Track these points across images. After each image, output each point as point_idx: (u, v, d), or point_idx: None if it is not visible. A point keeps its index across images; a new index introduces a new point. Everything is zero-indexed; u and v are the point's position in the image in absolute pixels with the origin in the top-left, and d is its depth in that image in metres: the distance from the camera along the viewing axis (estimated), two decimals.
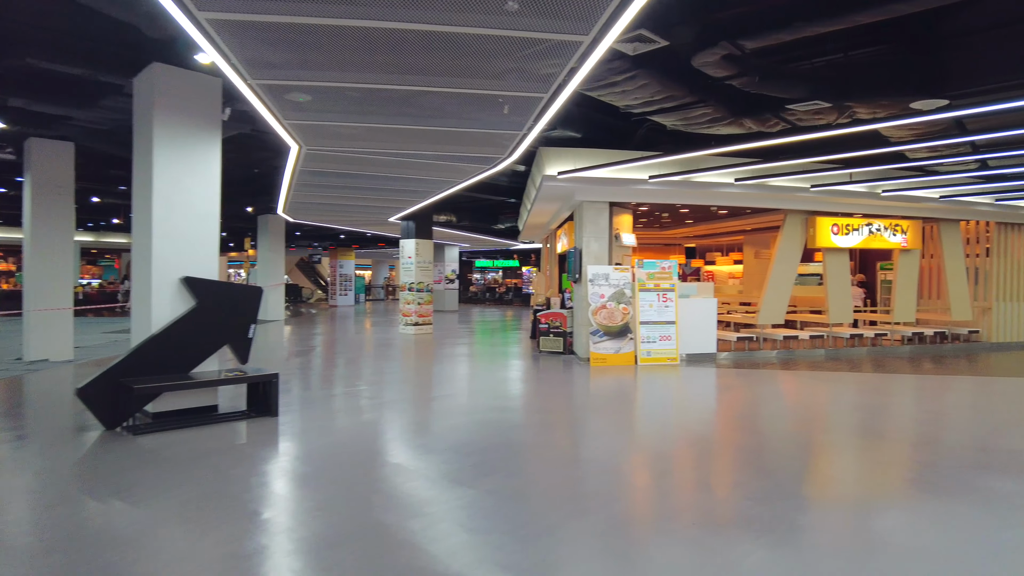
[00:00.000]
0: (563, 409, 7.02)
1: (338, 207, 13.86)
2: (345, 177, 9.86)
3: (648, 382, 8.88)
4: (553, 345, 11.48)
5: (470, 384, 8.59)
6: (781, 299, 11.89)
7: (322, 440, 5.49)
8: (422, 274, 15.88)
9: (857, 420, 6.46)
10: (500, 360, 11.03)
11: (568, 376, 9.26)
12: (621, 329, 10.26)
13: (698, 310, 11.00)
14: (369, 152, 8.07)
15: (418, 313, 15.74)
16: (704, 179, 10.27)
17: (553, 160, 9.65)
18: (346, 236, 26.09)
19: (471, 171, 9.16)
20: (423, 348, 12.82)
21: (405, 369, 9.95)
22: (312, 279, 40.23)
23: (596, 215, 10.56)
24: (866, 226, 12.23)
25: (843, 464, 5.05)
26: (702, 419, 6.60)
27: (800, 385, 8.68)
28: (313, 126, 6.78)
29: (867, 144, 8.92)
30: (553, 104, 5.93)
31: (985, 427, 6.18)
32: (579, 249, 10.62)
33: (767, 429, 6.12)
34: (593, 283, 10.25)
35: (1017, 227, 13.80)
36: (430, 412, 6.78)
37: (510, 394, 7.82)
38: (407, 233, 15.92)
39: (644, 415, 6.89)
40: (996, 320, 13.57)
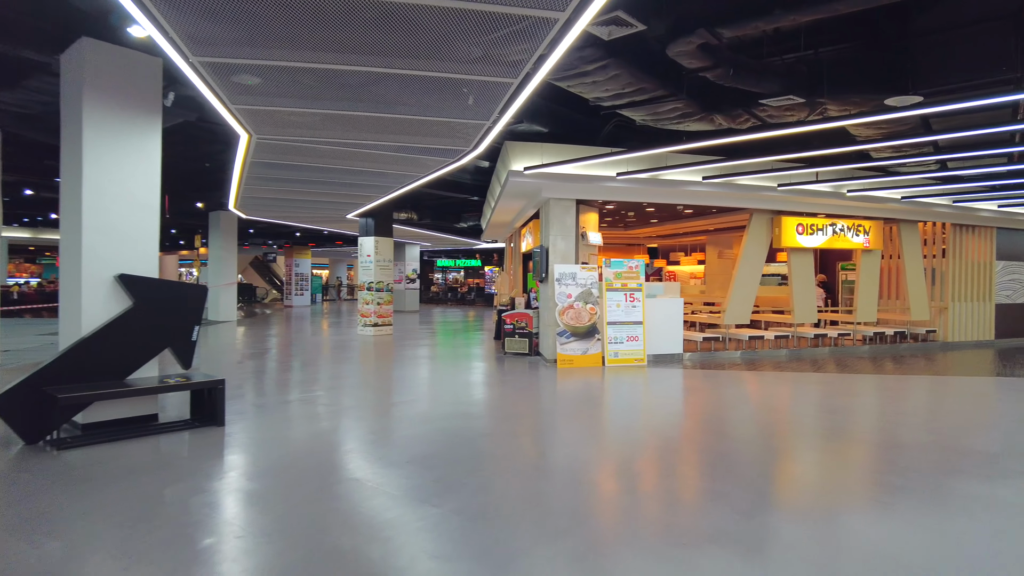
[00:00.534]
0: (531, 415, 6.70)
1: (293, 203, 13.26)
2: (299, 170, 9.34)
3: (616, 384, 8.63)
4: (518, 346, 11.16)
5: (432, 389, 8.20)
6: (747, 299, 11.82)
7: (273, 452, 5.04)
8: (382, 273, 15.37)
9: (826, 423, 6.31)
10: (464, 362, 10.65)
11: (534, 379, 8.94)
12: (588, 330, 10.00)
13: (665, 310, 10.83)
14: (324, 143, 7.60)
15: (377, 314, 15.22)
16: (672, 177, 10.10)
17: (519, 155, 9.32)
18: (302, 234, 25.28)
19: (433, 165, 8.76)
20: (383, 350, 12.34)
21: (364, 373, 9.48)
22: (267, 278, 39.11)
23: (563, 213, 10.28)
24: (830, 226, 12.27)
25: (816, 470, 4.85)
26: (673, 425, 6.36)
27: (768, 387, 8.55)
28: (263, 112, 6.28)
29: (834, 142, 8.87)
30: (523, 91, 5.59)
31: (949, 427, 6.09)
32: (545, 248, 10.32)
33: (739, 434, 5.90)
34: (560, 282, 9.96)
35: (971, 229, 14.08)
36: (390, 420, 6.37)
37: (475, 399, 7.46)
38: (366, 231, 15.39)
39: (615, 421, 6.61)
40: (952, 320, 13.82)
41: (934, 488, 4.22)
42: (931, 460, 4.93)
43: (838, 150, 8.81)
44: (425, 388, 8.20)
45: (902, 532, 3.47)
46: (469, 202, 18.37)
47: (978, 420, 6.60)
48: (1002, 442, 5.57)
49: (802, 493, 4.30)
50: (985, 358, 11.74)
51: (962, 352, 12.76)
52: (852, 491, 4.26)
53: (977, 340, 14.10)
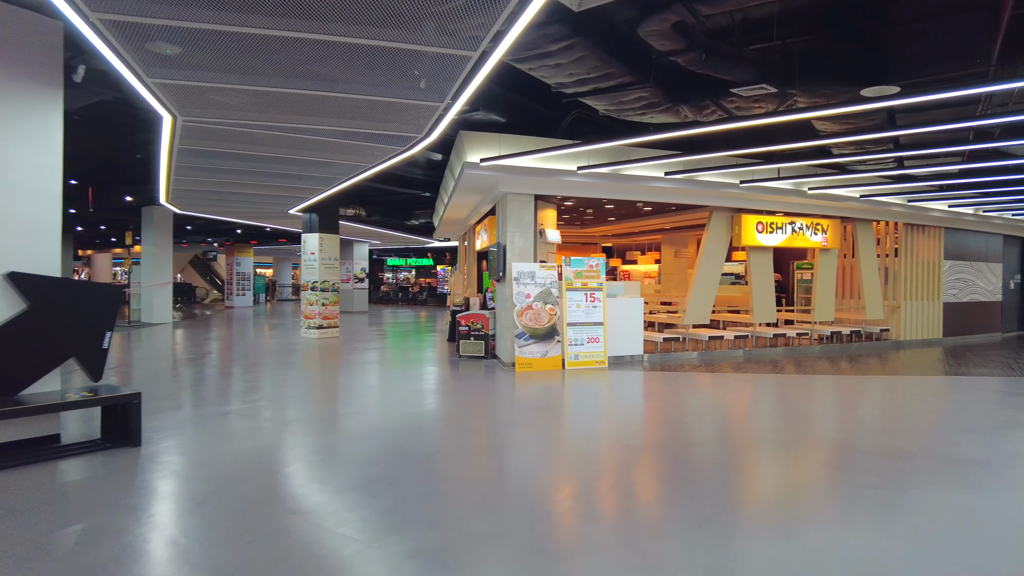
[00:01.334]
0: (489, 428, 6.14)
1: (230, 197, 12.32)
2: (234, 159, 8.53)
3: (578, 390, 8.17)
4: (474, 349, 10.58)
5: (382, 398, 7.55)
6: (706, 299, 11.56)
7: (195, 478, 4.34)
8: (327, 272, 14.54)
9: (794, 429, 5.97)
10: (415, 367, 10.01)
11: (491, 385, 8.39)
12: (548, 331, 9.51)
13: (625, 310, 10.44)
14: (260, 127, 6.86)
15: (323, 315, 14.39)
16: (634, 172, 9.71)
17: (475, 146, 8.75)
18: (243, 231, 24.03)
19: (382, 154, 8.10)
20: (328, 355, 11.57)
21: (306, 380, 8.74)
22: (208, 278, 37.38)
23: (521, 208, 9.76)
24: (789, 224, 12.13)
25: (785, 485, 4.46)
26: (639, 436, 5.90)
27: (731, 392, 8.23)
28: (187, 89, 5.53)
29: (798, 137, 8.63)
30: (482, 68, 5.04)
31: (909, 431, 5.84)
32: (503, 245, 9.78)
33: (707, 443, 5.49)
34: (518, 282, 9.44)
35: (921, 228, 14.24)
36: (335, 435, 5.71)
37: (427, 410, 6.86)
38: (310, 227, 14.53)
39: (578, 433, 6.11)
40: (904, 318, 13.93)
41: (893, 498, 3.87)
42: (896, 468, 4.61)
43: (801, 144, 8.56)
44: (373, 397, 7.55)
45: (871, 546, 3.07)
46: (420, 198, 17.67)
47: (943, 420, 6.39)
48: (984, 447, 5.33)
49: (780, 515, 3.88)
50: (938, 356, 11.79)
51: (915, 351, 12.83)
52: (817, 504, 3.87)
53: (926, 338, 14.27)
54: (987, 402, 7.46)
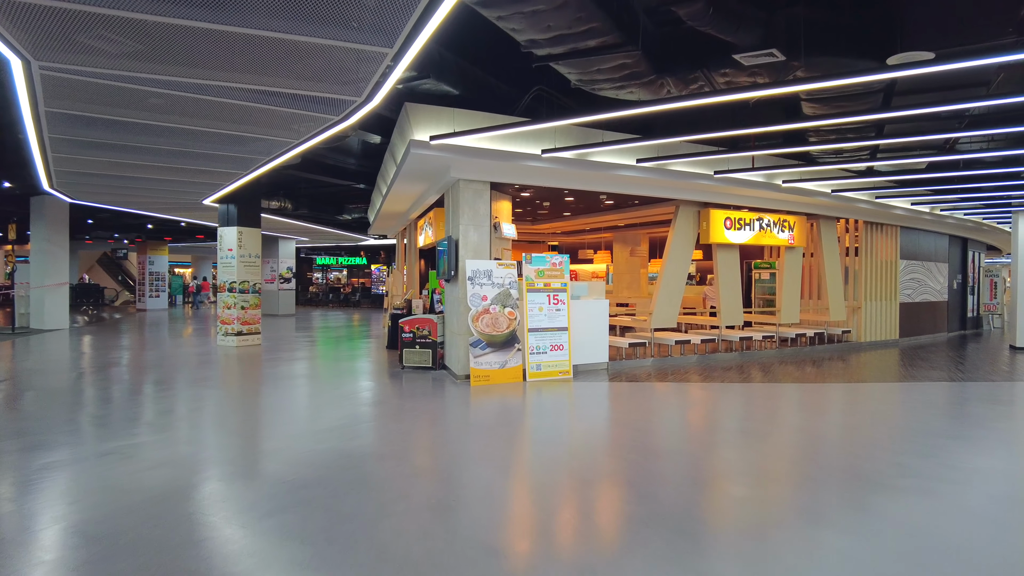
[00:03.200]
0: (442, 460, 4.88)
1: (128, 183, 10.47)
2: (123, 130, 6.91)
3: (542, 406, 7.00)
4: (420, 359, 9.24)
5: (310, 425, 6.14)
6: (673, 300, 10.65)
7: (59, 547, 2.88)
8: (247, 271, 12.83)
9: (779, 461, 5.01)
10: (351, 383, 8.59)
11: (443, 404, 7.11)
12: (507, 338, 8.30)
13: (589, 313, 9.36)
14: (151, 84, 5.35)
15: (242, 320, 12.68)
16: (602, 158, 8.63)
17: (424, 121, 7.45)
18: (155, 226, 21.66)
19: (312, 125, 6.69)
20: (248, 366, 9.97)
21: (215, 404, 7.20)
22: (119, 278, 34.27)
23: (475, 198, 8.51)
24: (757, 221, 11.38)
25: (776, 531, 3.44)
26: (618, 465, 4.76)
27: (706, 407, 7.27)
28: (39, 12, 4.00)
29: (781, 119, 7.80)
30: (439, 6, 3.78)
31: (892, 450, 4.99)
32: (454, 240, 8.50)
33: (687, 478, 4.43)
34: (473, 282, 8.18)
35: (880, 227, 13.86)
36: (245, 488, 4.30)
37: (367, 443, 5.52)
38: (227, 219, 12.78)
39: (546, 461, 4.92)
40: (865, 319, 13.50)
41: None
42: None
43: (783, 127, 7.71)
44: (298, 426, 6.12)
45: None
46: (354, 191, 16.13)
47: (933, 433, 5.59)
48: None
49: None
50: (905, 359, 11.28)
51: (879, 353, 12.33)
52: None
53: (884, 339, 13.91)
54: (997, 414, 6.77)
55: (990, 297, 19.21)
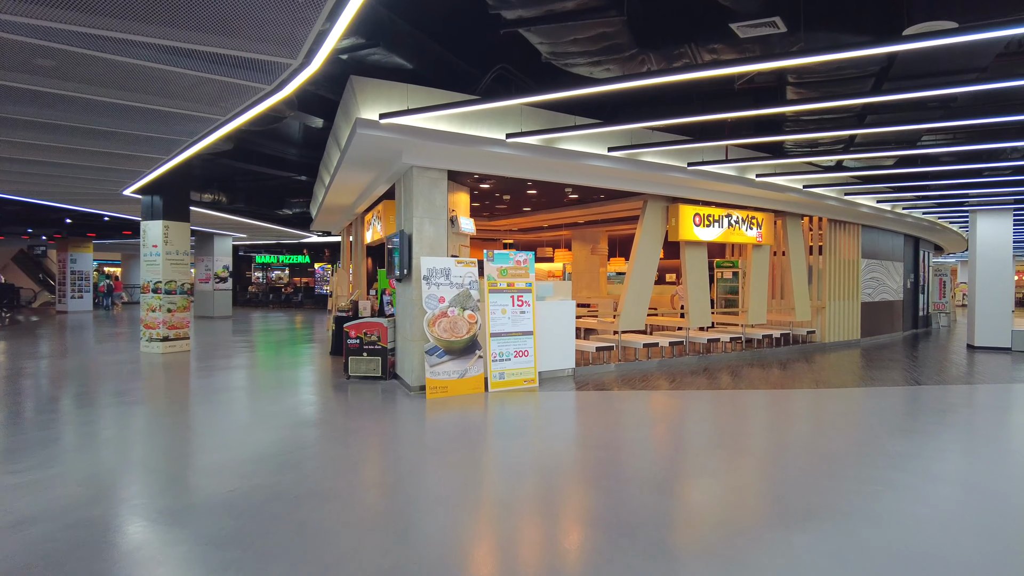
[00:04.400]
0: (397, 501, 4.01)
1: (26, 167, 9.10)
2: (6, 100, 5.75)
3: (507, 423, 6.21)
4: (368, 368, 8.29)
5: (237, 449, 5.16)
6: (641, 301, 10.00)
7: None
8: (174, 270, 11.56)
9: (767, 497, 4.37)
10: (289, 396, 7.58)
11: (395, 420, 6.22)
12: (467, 344, 7.45)
13: (555, 316, 8.60)
14: (29, 30, 4.28)
15: (168, 324, 11.41)
16: (571, 147, 7.86)
17: (373, 97, 6.52)
18: (75, 220, 19.81)
19: (240, 96, 5.68)
20: (172, 377, 8.81)
21: (129, 421, 6.11)
22: (39, 277, 31.71)
23: (431, 188, 7.62)
24: (726, 217, 10.86)
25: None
26: (597, 501, 4.01)
27: (681, 416, 6.62)
28: None
29: (759, 103, 7.22)
30: None
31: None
32: (407, 234, 7.60)
33: (674, 502, 3.73)
34: (429, 281, 7.30)
35: (843, 225, 13.61)
36: (142, 545, 3.33)
37: (304, 469, 4.60)
38: (151, 212, 11.49)
39: (519, 499, 4.13)
40: (829, 319, 13.21)
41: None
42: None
43: (760, 111, 7.05)
44: (225, 455, 5.13)
45: None
46: (295, 184, 14.97)
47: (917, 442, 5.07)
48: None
49: None
50: (873, 361, 10.95)
51: (845, 354, 12.00)
52: None
53: (847, 339, 13.67)
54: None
55: (939, 296, 19.43)
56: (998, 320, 13.07)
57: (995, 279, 13.19)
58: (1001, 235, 13.22)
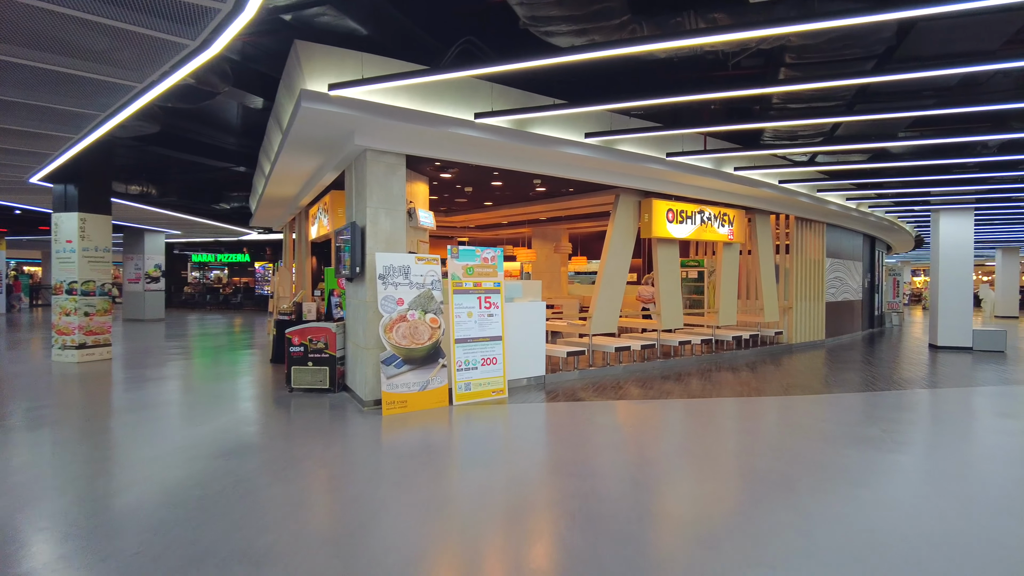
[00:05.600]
0: (356, 567, 3.16)
1: None
2: None
3: (476, 443, 5.41)
4: (313, 379, 7.33)
5: (151, 490, 4.19)
6: (614, 302, 9.34)
7: None
8: (93, 269, 10.26)
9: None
10: (222, 413, 6.55)
11: (346, 444, 5.33)
12: (429, 352, 6.59)
13: (524, 318, 7.84)
14: None
15: (85, 329, 10.11)
16: (545, 131, 7.09)
17: (321, 65, 5.59)
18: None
19: (158, 55, 4.68)
20: (86, 390, 7.63)
21: (30, 446, 5.02)
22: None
23: (387, 175, 6.72)
24: (698, 214, 10.31)
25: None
26: (584, 550, 3.27)
27: (659, 430, 5.97)
28: None
29: (755, 82, 6.63)
30: None
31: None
32: (360, 227, 6.68)
33: (660, 541, 3.04)
34: (385, 281, 6.41)
35: (810, 224, 13.32)
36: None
37: (233, 517, 3.70)
38: (64, 203, 10.15)
39: (496, 540, 3.35)
40: (796, 320, 12.87)
41: None
42: None
43: (749, 92, 6.49)
44: (131, 496, 4.15)
45: None
46: (233, 175, 13.74)
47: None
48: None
49: None
50: (844, 362, 10.60)
51: (813, 355, 11.65)
52: None
53: (813, 340, 13.39)
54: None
55: (893, 295, 19.58)
56: (959, 319, 13.00)
57: (956, 279, 13.13)
58: (962, 234, 13.17)
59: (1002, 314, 24.74)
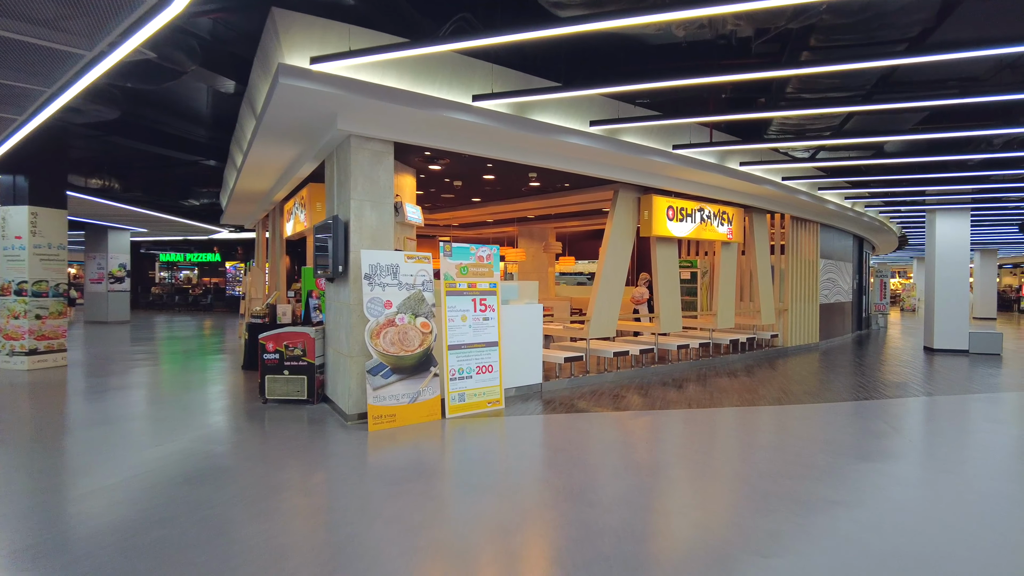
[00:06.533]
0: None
1: None
2: None
3: (474, 464, 4.80)
4: (290, 389, 6.65)
5: (101, 530, 3.51)
6: (613, 304, 8.81)
7: None
8: (45, 268, 9.41)
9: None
10: (186, 428, 5.85)
11: (329, 466, 4.68)
12: (420, 360, 5.96)
13: (521, 322, 7.26)
14: None
15: (37, 334, 9.26)
16: (547, 118, 6.50)
17: (302, 38, 4.92)
18: None
19: (108, 16, 3.99)
20: (40, 402, 6.85)
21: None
22: None
23: (373, 164, 6.08)
24: (698, 211, 9.82)
25: None
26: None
27: (666, 445, 5.44)
28: None
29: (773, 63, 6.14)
30: None
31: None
32: (343, 221, 6.03)
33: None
34: (371, 281, 5.76)
35: (805, 224, 12.96)
36: None
37: (199, 556, 3.05)
38: (12, 196, 9.29)
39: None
40: (791, 322, 12.48)
41: None
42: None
43: (773, 74, 6.01)
44: (92, 535, 3.47)
45: None
46: (203, 170, 12.91)
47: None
48: None
49: None
50: (843, 366, 10.21)
51: (809, 358, 11.24)
52: None
53: (808, 343, 13.02)
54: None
55: (880, 297, 19.40)
56: (955, 322, 12.74)
57: (953, 280, 12.86)
58: (959, 235, 12.90)
59: (980, 315, 24.83)
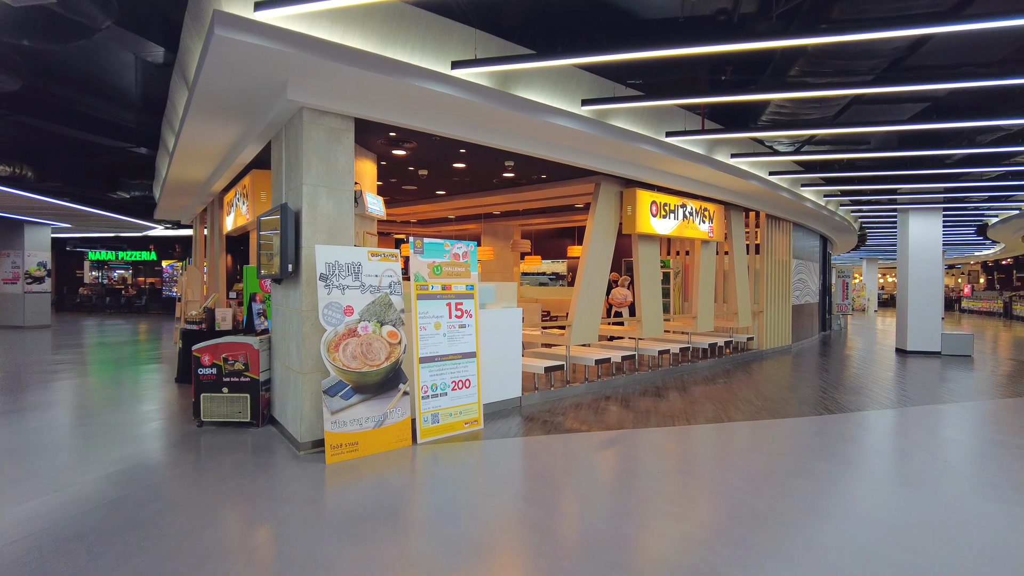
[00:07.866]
0: None
1: None
2: None
3: (455, 505, 3.92)
4: (229, 410, 5.62)
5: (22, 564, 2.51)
6: (595, 308, 8.08)
7: None
8: None
9: None
10: (105, 460, 4.77)
11: (276, 514, 3.73)
12: (387, 375, 5.04)
13: (499, 328, 6.43)
14: None
15: None
16: (533, 95, 5.66)
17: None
18: None
19: None
20: None
21: None
22: None
23: (330, 142, 5.12)
24: (681, 208, 9.18)
25: None
26: None
27: (666, 468, 4.71)
28: None
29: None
30: None
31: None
32: (294, 210, 5.06)
33: None
34: (329, 282, 4.81)
35: (778, 222, 12.53)
36: None
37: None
38: None
39: None
40: (766, 324, 12.01)
41: None
42: None
43: (790, 42, 5.34)
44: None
45: None
46: (133, 158, 11.57)
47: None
48: None
49: None
50: (821, 371, 9.75)
51: (787, 361, 10.77)
52: None
53: (782, 345, 12.60)
54: None
55: (843, 297, 19.34)
56: (928, 322, 12.53)
57: (925, 281, 12.64)
58: (931, 235, 12.70)
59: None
